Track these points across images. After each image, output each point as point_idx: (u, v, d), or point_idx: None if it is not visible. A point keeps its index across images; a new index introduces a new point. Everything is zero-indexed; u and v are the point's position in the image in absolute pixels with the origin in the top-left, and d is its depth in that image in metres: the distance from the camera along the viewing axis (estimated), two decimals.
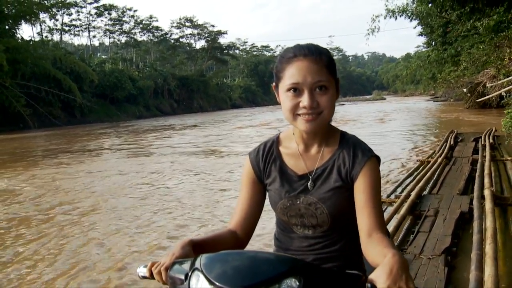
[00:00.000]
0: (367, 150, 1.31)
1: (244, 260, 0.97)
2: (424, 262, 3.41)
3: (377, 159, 1.31)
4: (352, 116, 28.58)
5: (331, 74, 1.26)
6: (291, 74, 1.24)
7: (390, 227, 4.08)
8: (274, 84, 1.33)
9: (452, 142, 9.94)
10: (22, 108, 34.48)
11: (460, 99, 31.25)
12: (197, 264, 1.00)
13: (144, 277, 1.21)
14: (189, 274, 1.01)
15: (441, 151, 8.91)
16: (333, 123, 1.37)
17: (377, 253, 1.10)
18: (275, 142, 1.42)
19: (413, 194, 5.20)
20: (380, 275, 0.94)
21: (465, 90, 26.06)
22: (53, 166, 11.63)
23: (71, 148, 17.13)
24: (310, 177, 1.34)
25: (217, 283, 0.92)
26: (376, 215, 1.23)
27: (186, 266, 1.07)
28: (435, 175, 6.72)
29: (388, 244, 1.12)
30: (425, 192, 5.73)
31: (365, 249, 1.20)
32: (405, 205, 4.76)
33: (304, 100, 1.22)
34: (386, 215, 4.64)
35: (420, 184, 5.75)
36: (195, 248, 1.20)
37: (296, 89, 1.24)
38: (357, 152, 1.30)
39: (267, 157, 1.40)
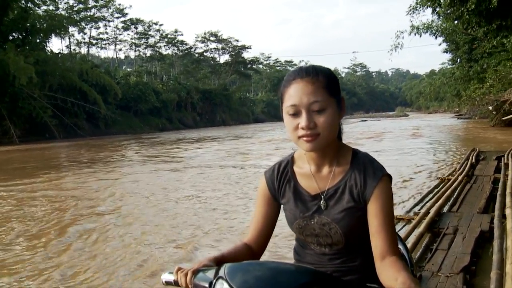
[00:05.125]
0: (379, 170, 1.31)
1: (267, 270, 1.01)
2: (442, 280, 3.35)
3: (389, 177, 1.32)
4: (371, 134, 28.34)
5: (331, 94, 1.28)
6: (289, 96, 1.28)
7: (408, 244, 4.03)
8: (280, 107, 1.36)
9: (473, 160, 9.74)
10: (48, 118, 35.30)
11: (485, 117, 30.71)
12: (221, 273, 1.04)
13: (168, 283, 1.24)
14: (213, 282, 1.05)
15: (462, 169, 8.75)
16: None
17: (390, 277, 1.16)
18: (290, 162, 1.45)
19: (432, 211, 5.12)
20: None
21: (490, 107, 25.63)
22: (86, 174, 11.90)
23: (103, 157, 17.47)
24: (322, 197, 1.35)
25: None
26: (389, 239, 1.26)
27: (210, 274, 1.11)
28: (455, 193, 6.59)
29: (400, 267, 1.17)
30: (444, 210, 5.62)
31: (379, 272, 1.23)
32: (424, 222, 4.70)
33: (302, 121, 1.25)
34: (404, 231, 4.60)
35: (440, 202, 5.66)
36: (218, 263, 1.25)
37: (295, 111, 1.27)
38: (368, 173, 1.31)
39: (281, 177, 1.43)
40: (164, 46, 69.55)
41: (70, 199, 8.43)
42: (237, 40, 76.08)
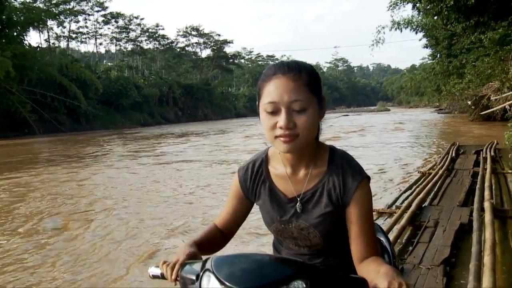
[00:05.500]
0: (357, 173, 1.26)
1: (253, 262, 1.02)
2: (423, 272, 3.44)
3: (368, 179, 1.28)
4: (354, 128, 28.59)
5: (313, 93, 1.20)
6: (269, 92, 1.19)
7: (390, 237, 4.09)
8: (257, 103, 1.26)
9: (453, 154, 9.96)
10: (27, 113, 34.70)
11: (464, 112, 31.23)
12: (208, 265, 1.05)
13: (155, 276, 1.26)
14: (201, 274, 1.07)
15: (442, 163, 8.93)
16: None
17: (371, 271, 1.14)
18: (264, 160, 1.38)
19: (413, 205, 5.23)
20: (381, 281, 1.04)
21: (469, 102, 26.08)
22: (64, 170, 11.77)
23: (82, 153, 17.28)
24: (299, 199, 1.31)
25: (227, 284, 0.96)
26: (369, 243, 1.25)
27: (197, 267, 1.13)
28: (436, 187, 6.75)
29: (381, 261, 1.18)
30: (425, 203, 5.76)
31: (359, 271, 1.23)
32: (406, 216, 4.80)
33: (281, 120, 1.17)
34: (386, 225, 4.68)
35: (421, 196, 5.78)
36: (198, 246, 1.28)
37: (274, 109, 1.18)
38: (347, 176, 1.26)
39: (255, 178, 1.38)
40: (145, 40, 68.90)
41: (58, 193, 8.39)
42: (219, 35, 75.68)
